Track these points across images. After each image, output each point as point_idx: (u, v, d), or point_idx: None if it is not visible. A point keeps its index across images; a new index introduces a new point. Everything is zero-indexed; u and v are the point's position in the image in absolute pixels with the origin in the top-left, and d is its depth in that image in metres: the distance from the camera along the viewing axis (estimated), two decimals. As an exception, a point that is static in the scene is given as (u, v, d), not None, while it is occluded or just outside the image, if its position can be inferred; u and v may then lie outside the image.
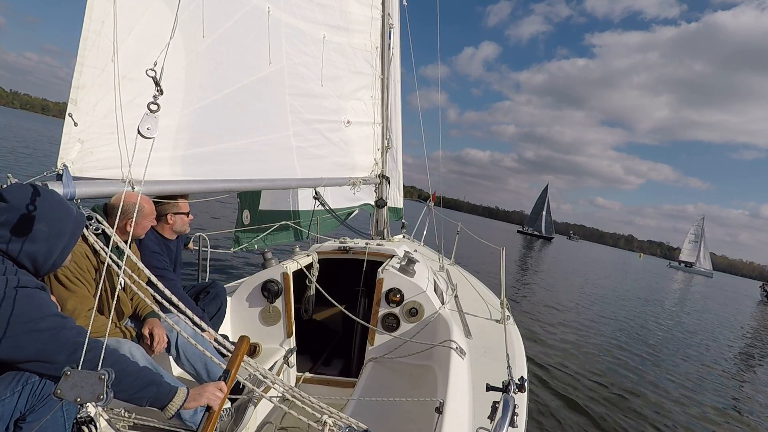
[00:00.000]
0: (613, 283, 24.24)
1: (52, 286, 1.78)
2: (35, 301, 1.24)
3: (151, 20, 1.94)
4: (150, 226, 2.25)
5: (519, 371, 2.51)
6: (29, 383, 1.23)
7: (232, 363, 1.48)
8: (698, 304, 23.33)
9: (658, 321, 13.57)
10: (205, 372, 2.20)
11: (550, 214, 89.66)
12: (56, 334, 1.24)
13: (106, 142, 1.80)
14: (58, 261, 1.38)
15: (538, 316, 10.03)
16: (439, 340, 2.53)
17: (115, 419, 1.67)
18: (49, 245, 1.34)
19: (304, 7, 3.34)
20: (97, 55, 1.71)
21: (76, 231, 1.42)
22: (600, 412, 5.27)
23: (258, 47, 2.88)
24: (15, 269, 1.28)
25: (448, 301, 3.41)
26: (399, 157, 6.17)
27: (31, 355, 1.21)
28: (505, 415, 1.36)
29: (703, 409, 6.19)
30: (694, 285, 39.40)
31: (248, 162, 2.90)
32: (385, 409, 2.14)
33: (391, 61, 4.73)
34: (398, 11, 5.53)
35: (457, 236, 5.81)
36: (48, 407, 1.24)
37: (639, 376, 7.10)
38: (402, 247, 3.84)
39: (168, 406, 1.39)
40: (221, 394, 1.44)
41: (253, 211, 4.66)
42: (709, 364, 9.02)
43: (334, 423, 1.53)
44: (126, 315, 2.11)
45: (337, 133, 4.08)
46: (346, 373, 3.38)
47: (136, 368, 1.38)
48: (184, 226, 2.68)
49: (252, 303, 2.96)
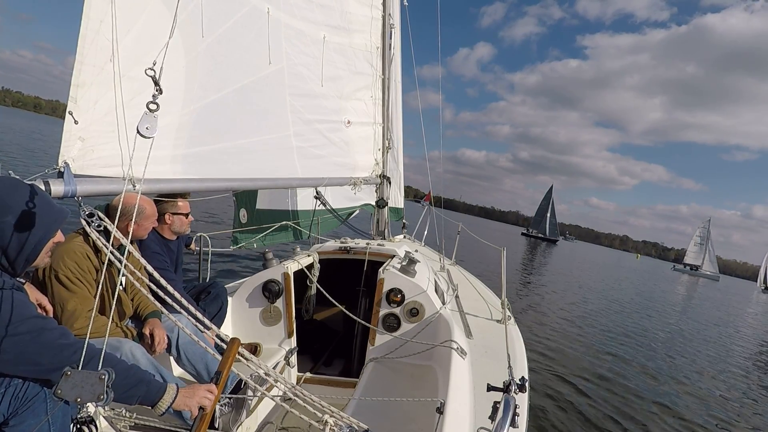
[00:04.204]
0: (613, 284, 24.21)
1: (53, 286, 1.78)
2: (13, 302, 1.21)
3: (149, 20, 1.94)
4: (152, 228, 2.25)
5: (520, 371, 2.51)
6: (11, 386, 1.20)
7: (224, 365, 1.48)
8: (705, 307, 23.08)
9: (661, 323, 13.55)
10: (205, 372, 2.20)
11: (555, 216, 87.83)
12: (37, 337, 1.21)
13: (107, 140, 1.80)
14: (31, 256, 1.33)
15: (539, 317, 10.02)
16: (440, 341, 2.52)
17: (115, 419, 1.67)
18: (21, 240, 1.28)
19: (303, 8, 3.34)
20: (96, 54, 1.71)
21: (52, 225, 1.36)
22: (601, 412, 5.26)
23: (258, 47, 2.88)
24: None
25: (449, 301, 3.40)
26: (400, 158, 6.17)
27: (12, 358, 1.18)
28: (506, 416, 1.35)
29: (705, 411, 6.17)
30: (701, 289, 38.82)
31: (249, 161, 2.90)
32: (386, 409, 2.13)
33: (391, 61, 4.73)
34: (399, 11, 5.53)
35: (458, 236, 5.81)
36: (31, 410, 1.21)
37: (641, 377, 7.09)
38: (403, 247, 3.84)
39: (158, 404, 1.38)
40: (212, 396, 1.44)
41: (250, 210, 4.66)
42: (716, 371, 8.97)
43: (335, 423, 1.53)
44: (127, 315, 2.11)
45: (337, 133, 4.07)
46: (346, 373, 3.37)
47: (124, 367, 1.36)
48: (183, 227, 2.67)
49: (253, 303, 2.96)
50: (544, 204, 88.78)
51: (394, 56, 5.06)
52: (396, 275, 2.86)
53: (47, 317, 1.30)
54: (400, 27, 5.64)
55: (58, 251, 1.76)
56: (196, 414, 1.41)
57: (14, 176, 1.37)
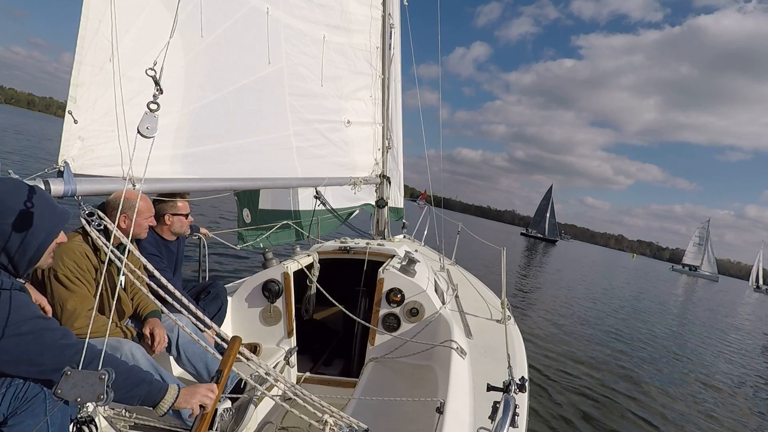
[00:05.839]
0: (612, 284, 24.21)
1: (52, 286, 1.77)
2: (15, 303, 1.21)
3: (148, 20, 1.94)
4: (149, 226, 2.24)
5: (520, 371, 2.51)
6: (12, 386, 1.21)
7: (225, 364, 1.48)
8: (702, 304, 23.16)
9: (661, 323, 13.54)
10: (205, 371, 2.20)
11: (554, 216, 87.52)
12: (39, 337, 1.21)
13: (107, 140, 1.80)
14: (34, 258, 1.33)
15: (539, 317, 10.01)
16: (440, 340, 2.52)
17: (115, 419, 1.67)
18: (23, 241, 1.28)
19: (303, 8, 3.34)
20: (95, 54, 1.71)
21: (55, 227, 1.36)
22: (601, 412, 5.26)
23: (257, 47, 2.88)
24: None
25: (449, 301, 3.40)
26: (399, 157, 6.17)
27: (14, 358, 1.19)
28: (505, 415, 1.35)
29: (707, 412, 6.17)
30: (700, 289, 38.75)
31: (248, 161, 2.90)
32: (385, 409, 2.13)
33: (391, 61, 4.73)
34: (398, 11, 5.52)
35: (458, 236, 5.81)
36: (30, 411, 1.21)
37: (641, 377, 7.08)
38: (403, 247, 3.84)
39: (159, 404, 1.38)
40: (213, 395, 1.44)
41: (253, 209, 4.66)
42: (713, 372, 8.98)
43: (335, 422, 1.53)
44: (127, 315, 2.10)
45: (337, 133, 4.07)
46: (346, 373, 3.37)
47: (125, 367, 1.36)
48: (183, 228, 2.67)
49: (253, 303, 2.96)
50: (543, 204, 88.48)
51: (394, 56, 5.06)
52: (396, 275, 2.86)
53: (49, 318, 1.29)
54: (400, 27, 5.64)
55: (56, 250, 1.76)
56: (198, 412, 1.41)
57: (15, 176, 1.36)
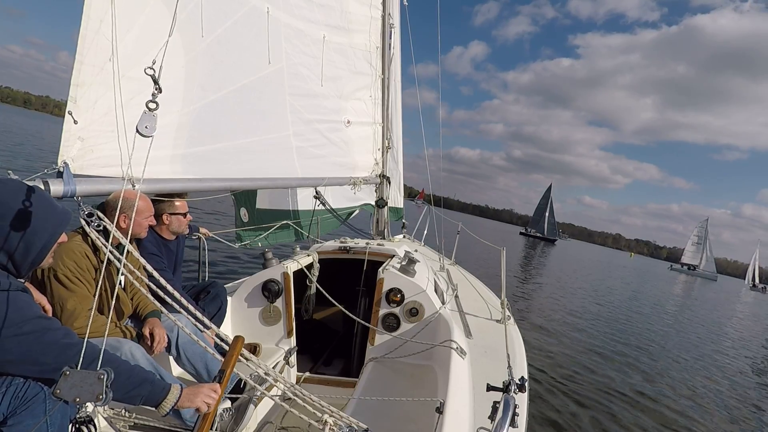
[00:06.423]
0: (612, 284, 24.20)
1: (52, 285, 1.77)
2: (17, 304, 1.21)
3: (149, 20, 1.94)
4: (149, 226, 2.24)
5: (519, 371, 2.51)
6: (12, 385, 1.21)
7: (227, 363, 1.48)
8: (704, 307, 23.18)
9: (660, 323, 13.55)
10: (205, 371, 2.20)
11: (554, 215, 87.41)
12: (41, 336, 1.22)
13: (107, 140, 1.80)
14: (37, 259, 1.33)
15: (539, 317, 10.02)
16: (440, 340, 2.52)
17: (115, 419, 1.67)
18: (26, 243, 1.28)
19: (303, 8, 3.34)
20: (95, 54, 1.71)
21: (57, 228, 1.36)
22: (601, 412, 5.26)
23: (257, 47, 2.88)
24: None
25: (449, 301, 3.40)
26: (399, 157, 6.17)
27: (16, 358, 1.19)
28: (505, 416, 1.35)
29: (707, 412, 6.17)
30: (699, 289, 38.81)
31: (248, 161, 2.90)
32: (385, 409, 2.13)
33: (391, 61, 4.73)
34: (398, 11, 5.52)
35: (458, 236, 5.81)
36: (30, 411, 1.21)
37: (641, 376, 7.09)
38: (402, 247, 3.84)
39: (162, 404, 1.38)
40: (215, 395, 1.43)
41: (250, 209, 4.66)
42: (715, 372, 8.98)
43: (334, 422, 1.52)
44: (126, 315, 2.10)
45: (337, 133, 4.07)
46: (346, 373, 3.37)
47: (128, 367, 1.37)
48: (182, 227, 2.67)
49: (252, 303, 2.96)
50: (542, 203, 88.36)
51: (394, 56, 5.06)
52: (396, 275, 2.86)
53: (51, 317, 1.30)
54: (400, 27, 5.64)
55: (56, 250, 1.76)
56: (204, 410, 1.40)
57: (14, 177, 1.36)
